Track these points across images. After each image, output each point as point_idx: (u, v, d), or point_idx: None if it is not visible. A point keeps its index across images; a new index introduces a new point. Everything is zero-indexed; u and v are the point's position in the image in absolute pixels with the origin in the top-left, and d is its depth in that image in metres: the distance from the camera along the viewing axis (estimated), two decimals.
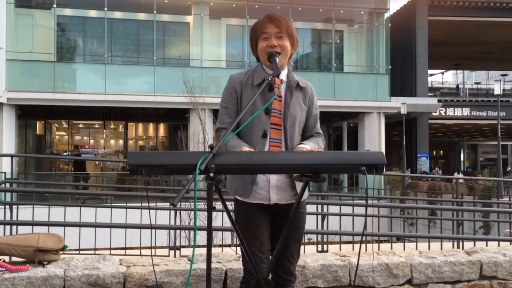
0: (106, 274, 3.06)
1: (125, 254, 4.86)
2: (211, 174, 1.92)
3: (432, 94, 34.26)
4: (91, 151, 25.85)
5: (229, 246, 6.48)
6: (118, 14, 21.17)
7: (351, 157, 2.22)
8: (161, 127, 26.72)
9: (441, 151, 43.89)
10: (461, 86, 44.76)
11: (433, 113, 26.37)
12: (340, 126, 25.90)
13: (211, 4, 21.31)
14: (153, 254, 4.47)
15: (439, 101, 26.84)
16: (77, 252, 4.78)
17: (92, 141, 27.18)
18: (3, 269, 2.95)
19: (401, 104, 21.62)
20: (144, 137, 27.88)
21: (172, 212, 5.55)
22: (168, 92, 18.80)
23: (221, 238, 6.82)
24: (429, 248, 4.96)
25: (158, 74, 20.20)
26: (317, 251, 5.08)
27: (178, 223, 5.78)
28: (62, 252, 3.32)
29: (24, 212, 6.01)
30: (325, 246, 5.27)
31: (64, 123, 26.30)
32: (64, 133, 27.19)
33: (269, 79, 2.33)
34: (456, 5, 25.76)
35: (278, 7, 19.70)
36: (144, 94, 19.55)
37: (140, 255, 4.60)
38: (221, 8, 21.39)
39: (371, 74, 22.82)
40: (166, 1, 20.96)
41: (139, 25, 21.78)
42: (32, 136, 24.50)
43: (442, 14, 25.97)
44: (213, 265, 3.21)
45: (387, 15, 23.41)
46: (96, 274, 3.05)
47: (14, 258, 3.28)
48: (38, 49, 19.64)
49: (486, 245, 5.16)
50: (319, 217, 5.60)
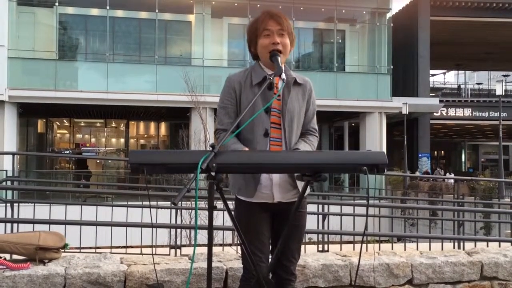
0: (107, 272, 3.06)
1: (126, 253, 4.87)
2: (213, 173, 1.92)
3: (433, 94, 34.22)
4: (92, 149, 25.85)
5: (230, 245, 6.48)
6: (120, 13, 21.19)
7: (352, 157, 2.21)
8: (163, 126, 26.72)
9: (443, 152, 43.86)
10: (462, 86, 44.77)
11: (435, 113, 26.35)
12: (342, 126, 25.89)
13: (213, 3, 21.31)
14: (154, 252, 4.47)
15: (440, 101, 26.82)
16: (78, 250, 4.79)
17: (93, 139, 27.17)
18: (4, 267, 2.95)
19: (402, 104, 21.60)
20: (145, 136, 27.87)
21: (173, 211, 5.56)
22: (170, 91, 18.79)
23: (222, 237, 6.82)
24: (430, 249, 4.96)
25: (160, 73, 20.20)
26: (318, 250, 5.08)
27: (179, 222, 5.78)
28: (63, 250, 3.32)
29: (25, 210, 6.02)
30: (325, 246, 5.27)
31: (65, 121, 26.30)
32: (65, 131, 27.19)
33: (271, 78, 2.32)
34: (458, 5, 25.73)
35: (280, 6, 19.64)
36: (145, 93, 19.55)
37: (141, 253, 4.61)
38: (223, 7, 21.39)
39: (373, 74, 22.81)
40: None
41: (141, 24, 21.80)
42: (34, 134, 24.52)
43: (444, 14, 25.93)
44: (214, 264, 3.21)
45: (389, 15, 23.41)
46: (97, 273, 3.05)
47: (15, 256, 3.28)
48: (40, 47, 19.66)
49: (487, 245, 5.16)
50: (320, 216, 5.60)
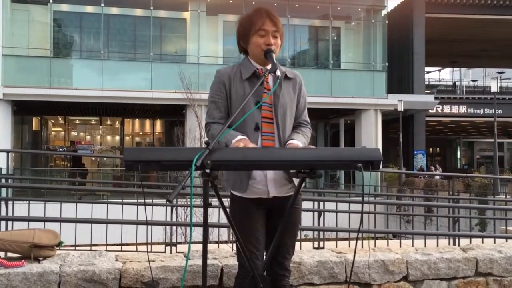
0: (102, 270, 3.06)
1: (121, 250, 4.85)
2: (207, 170, 1.92)
3: (429, 91, 34.29)
4: (88, 147, 25.78)
5: (225, 242, 6.47)
6: (114, 10, 21.12)
7: (347, 154, 2.21)
8: (158, 123, 26.67)
9: (438, 149, 43.97)
10: (458, 83, 44.89)
11: (430, 111, 26.40)
12: (337, 123, 25.91)
13: (208, 0, 21.28)
14: (149, 250, 4.47)
15: (436, 98, 26.89)
16: (73, 248, 4.77)
17: (88, 137, 27.06)
18: None
19: (398, 101, 21.63)
20: (140, 133, 27.82)
21: (168, 208, 5.54)
22: (165, 88, 18.76)
23: (217, 234, 6.81)
24: (425, 245, 4.96)
25: (155, 70, 20.15)
26: (313, 247, 5.08)
27: (174, 219, 5.77)
28: (57, 248, 3.31)
29: (20, 207, 6.01)
30: (321, 243, 5.27)
31: (60, 119, 26.20)
32: (60, 129, 27.10)
33: (265, 74, 2.32)
34: (453, 2, 25.78)
35: (275, 4, 19.63)
36: (140, 90, 19.50)
37: (136, 251, 4.60)
38: (218, 4, 21.35)
39: (368, 71, 22.84)
40: None
41: (136, 21, 21.74)
42: (28, 131, 24.44)
43: (439, 11, 25.98)
44: (209, 261, 3.21)
45: (384, 12, 23.42)
46: (91, 270, 3.04)
47: (9, 254, 3.27)
48: (34, 45, 19.57)
49: (482, 242, 5.17)
50: (316, 213, 5.60)
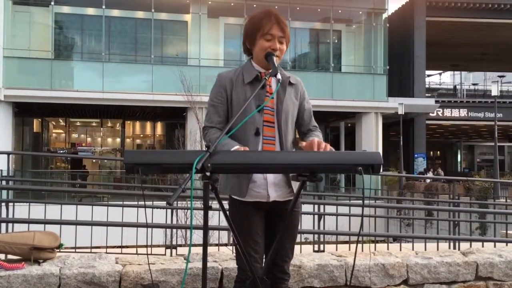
0: (102, 272, 3.05)
1: (121, 253, 4.86)
2: (208, 173, 1.92)
3: (429, 95, 34.30)
4: (88, 149, 25.79)
5: (225, 245, 6.47)
6: (116, 12, 21.15)
7: (347, 157, 2.21)
8: (159, 125, 26.69)
9: (438, 152, 43.96)
10: (458, 87, 44.91)
11: (431, 114, 26.41)
12: (338, 126, 25.91)
13: (209, 2, 21.30)
14: (149, 252, 4.47)
15: (436, 102, 26.86)
16: (73, 250, 4.77)
17: (89, 139, 27.09)
18: None
19: (398, 105, 21.64)
20: (141, 135, 27.83)
21: (169, 211, 5.55)
22: (166, 91, 18.75)
23: (218, 237, 6.81)
24: (425, 249, 4.96)
25: (156, 73, 20.17)
26: (314, 251, 5.08)
27: (174, 222, 5.77)
28: (58, 250, 3.31)
29: (20, 210, 6.01)
30: (321, 246, 5.27)
31: (61, 120, 26.23)
32: (61, 131, 27.11)
33: (266, 78, 2.33)
34: (454, 6, 25.80)
35: (276, 6, 19.65)
36: (141, 93, 19.52)
37: (136, 253, 4.60)
38: (219, 7, 21.38)
39: (369, 75, 22.85)
40: None
41: (137, 23, 21.78)
42: (29, 133, 24.45)
43: (440, 15, 26.00)
44: (209, 264, 3.21)
45: (385, 15, 23.44)
46: (91, 273, 3.04)
47: (9, 256, 3.27)
48: (35, 47, 19.60)
49: (482, 246, 5.17)
50: (316, 217, 5.60)
